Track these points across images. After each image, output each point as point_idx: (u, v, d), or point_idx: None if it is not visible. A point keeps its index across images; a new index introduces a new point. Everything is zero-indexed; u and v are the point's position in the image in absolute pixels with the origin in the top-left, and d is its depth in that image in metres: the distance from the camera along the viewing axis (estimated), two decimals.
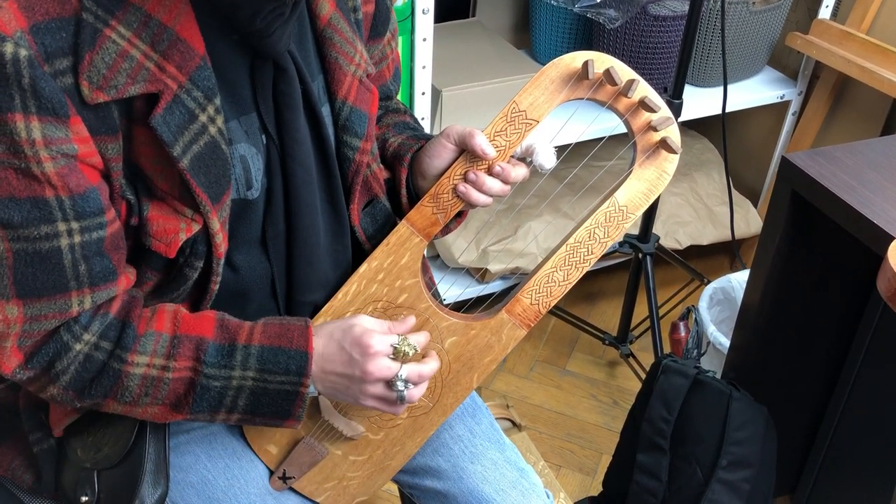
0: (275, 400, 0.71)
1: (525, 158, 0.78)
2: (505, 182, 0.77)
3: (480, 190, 0.76)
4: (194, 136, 0.64)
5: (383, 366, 0.70)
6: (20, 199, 0.60)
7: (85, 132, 0.61)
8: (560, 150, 0.80)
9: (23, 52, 0.57)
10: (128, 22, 0.61)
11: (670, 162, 0.77)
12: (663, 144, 0.76)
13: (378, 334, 0.71)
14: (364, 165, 0.78)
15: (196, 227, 0.67)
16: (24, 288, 0.63)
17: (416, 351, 0.72)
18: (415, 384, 0.72)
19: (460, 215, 0.83)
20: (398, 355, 0.71)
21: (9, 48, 0.56)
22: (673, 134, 0.76)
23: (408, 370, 0.71)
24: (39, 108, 0.58)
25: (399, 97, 1.41)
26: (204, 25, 0.64)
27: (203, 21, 0.64)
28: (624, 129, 0.78)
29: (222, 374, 0.69)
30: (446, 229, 0.83)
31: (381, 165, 0.85)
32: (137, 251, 0.69)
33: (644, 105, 0.74)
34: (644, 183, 0.77)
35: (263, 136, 0.71)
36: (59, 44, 0.59)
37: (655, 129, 0.75)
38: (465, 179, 0.76)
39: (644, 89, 0.74)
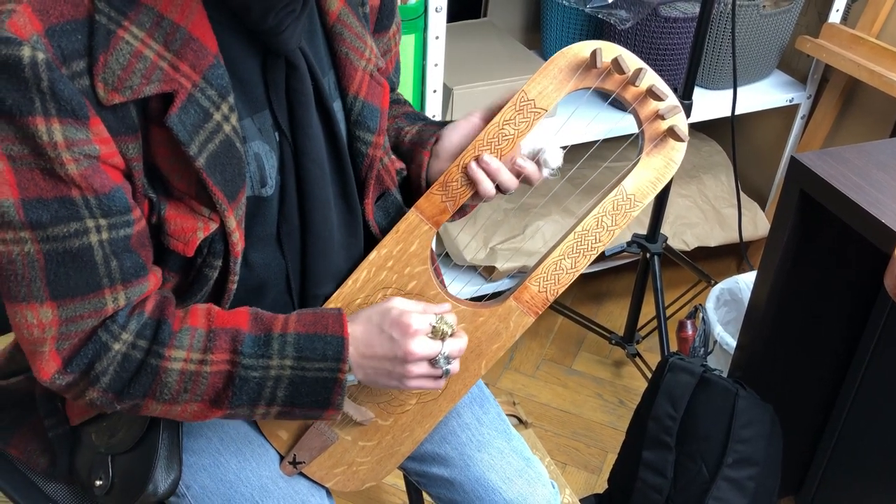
0: (314, 388, 0.70)
1: (534, 158, 0.79)
2: (517, 174, 0.78)
3: (492, 175, 0.77)
4: (209, 135, 0.64)
5: (425, 345, 0.70)
6: (48, 200, 0.60)
7: (105, 133, 0.61)
8: (572, 150, 0.81)
9: (40, 56, 0.57)
10: (140, 22, 0.61)
11: (678, 150, 0.77)
12: (671, 133, 0.76)
13: (416, 314, 0.71)
14: (377, 160, 0.79)
15: (213, 226, 0.67)
16: (57, 289, 0.62)
17: (454, 329, 0.72)
18: (454, 359, 0.73)
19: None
20: (437, 334, 0.71)
21: (26, 52, 0.56)
22: (680, 122, 0.76)
23: (448, 347, 0.72)
24: (59, 111, 0.58)
25: (411, 95, 1.43)
26: (215, 24, 0.64)
27: (214, 19, 0.64)
28: (635, 131, 0.79)
29: (260, 364, 0.69)
30: (451, 217, 0.83)
31: (394, 157, 0.85)
32: (156, 251, 0.69)
33: (652, 93, 0.75)
34: (652, 171, 0.77)
35: (276, 134, 0.71)
36: (75, 46, 0.59)
37: (663, 118, 0.76)
38: (479, 161, 0.76)
39: (652, 78, 0.75)
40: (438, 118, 1.48)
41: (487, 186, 0.77)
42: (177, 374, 0.67)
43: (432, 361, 0.72)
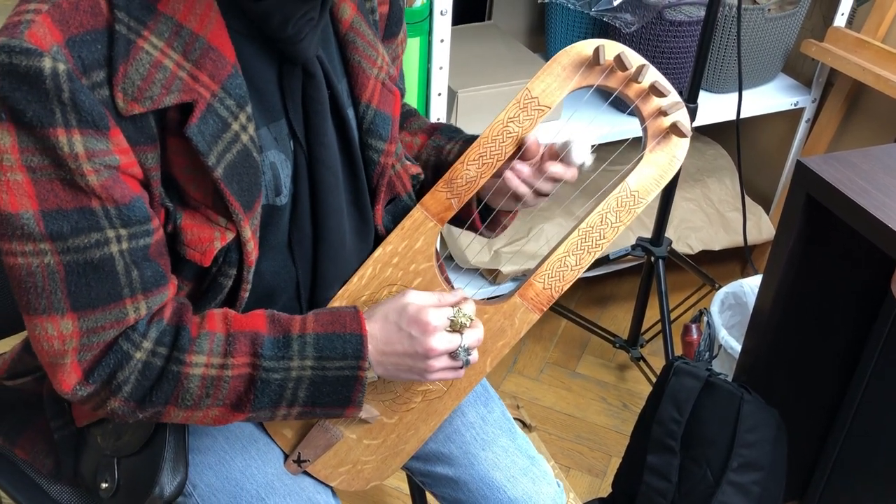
0: (335, 387, 0.70)
1: (562, 152, 0.79)
2: (540, 172, 0.78)
3: (521, 177, 0.78)
4: (227, 145, 0.64)
5: (445, 340, 0.71)
6: (67, 210, 0.60)
7: (125, 143, 0.61)
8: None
9: (61, 67, 0.56)
10: (159, 32, 0.60)
11: (681, 147, 0.77)
12: (673, 129, 0.77)
13: (433, 309, 0.71)
14: (389, 167, 0.79)
15: (230, 236, 0.67)
16: (78, 300, 0.62)
17: (472, 320, 0.72)
18: (473, 349, 0.73)
19: (510, 213, 0.85)
20: (455, 327, 0.72)
21: (47, 63, 0.56)
22: (683, 118, 0.77)
23: (468, 340, 0.72)
24: (80, 122, 0.58)
25: (416, 98, 1.43)
26: (233, 33, 0.64)
27: (232, 28, 0.64)
28: (634, 134, 0.79)
29: (281, 366, 0.68)
30: (502, 227, 0.85)
31: (408, 163, 0.85)
32: (171, 260, 0.69)
33: (654, 90, 0.75)
34: (655, 168, 0.78)
35: (291, 142, 0.71)
36: (95, 56, 0.59)
37: (665, 114, 0.76)
38: (514, 170, 0.78)
39: (654, 74, 0.76)
40: (444, 121, 1.48)
41: (519, 185, 0.78)
42: (198, 380, 0.66)
43: (452, 354, 0.72)
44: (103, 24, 0.59)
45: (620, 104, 1.72)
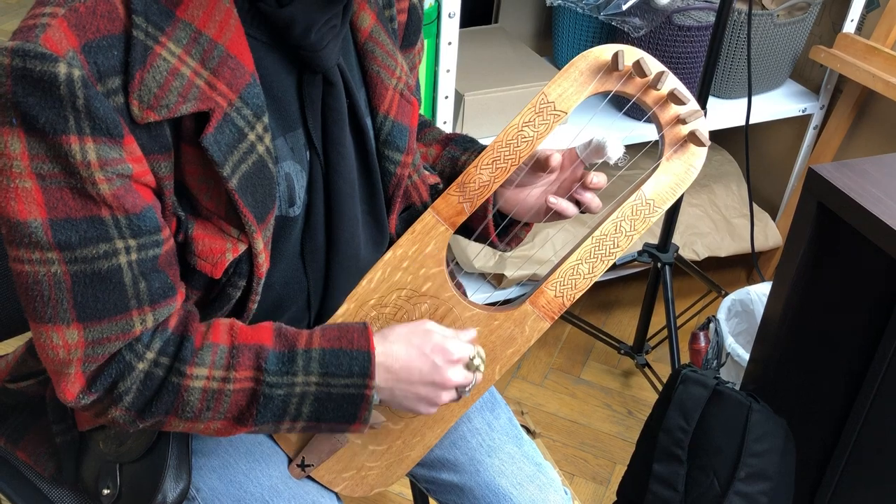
0: (340, 405, 0.68)
1: (598, 152, 0.78)
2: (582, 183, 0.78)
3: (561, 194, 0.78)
4: (243, 156, 0.63)
5: (462, 375, 0.71)
6: (76, 220, 0.59)
7: (138, 151, 0.60)
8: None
9: (76, 73, 0.55)
10: (177, 38, 0.59)
11: (698, 156, 0.76)
12: (692, 137, 0.76)
13: (457, 341, 0.70)
14: (405, 178, 0.78)
15: (242, 248, 0.66)
16: (84, 311, 0.61)
17: (483, 364, 0.72)
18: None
19: (528, 224, 0.85)
20: (471, 368, 0.72)
21: (62, 69, 0.55)
22: (701, 127, 0.76)
23: (476, 379, 0.73)
24: (94, 129, 0.57)
25: (423, 101, 1.42)
26: (252, 41, 0.63)
27: (251, 36, 0.63)
28: (648, 140, 0.78)
29: (285, 382, 0.67)
30: (518, 239, 0.85)
31: (426, 173, 0.84)
32: (181, 270, 0.68)
33: (673, 97, 0.74)
34: (671, 176, 0.77)
35: (307, 152, 0.70)
36: (111, 62, 0.57)
37: (684, 122, 0.75)
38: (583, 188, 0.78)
39: (673, 82, 0.75)
40: (449, 125, 1.47)
41: (566, 207, 0.79)
42: (199, 393, 0.65)
43: (458, 390, 0.72)
44: (120, 29, 0.58)
45: (635, 111, 1.70)
